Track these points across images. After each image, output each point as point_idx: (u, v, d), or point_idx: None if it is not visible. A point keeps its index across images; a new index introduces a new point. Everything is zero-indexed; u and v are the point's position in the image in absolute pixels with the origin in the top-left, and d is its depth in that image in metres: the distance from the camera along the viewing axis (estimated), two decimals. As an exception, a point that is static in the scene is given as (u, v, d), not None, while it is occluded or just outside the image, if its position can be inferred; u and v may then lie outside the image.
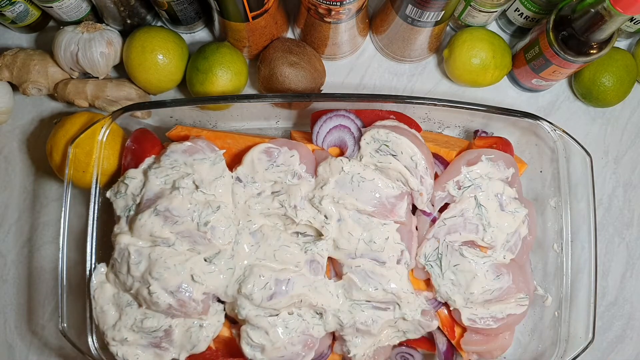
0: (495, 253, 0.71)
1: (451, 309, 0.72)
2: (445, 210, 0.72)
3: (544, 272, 0.78)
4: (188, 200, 0.68)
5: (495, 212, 0.71)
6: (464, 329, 0.73)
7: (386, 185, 0.70)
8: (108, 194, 0.72)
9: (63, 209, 0.71)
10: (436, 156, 0.75)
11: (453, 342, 0.74)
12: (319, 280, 0.70)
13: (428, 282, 0.73)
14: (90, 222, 0.72)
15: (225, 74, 0.77)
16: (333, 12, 0.71)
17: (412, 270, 0.73)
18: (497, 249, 0.71)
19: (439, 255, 0.71)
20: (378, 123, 0.73)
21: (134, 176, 0.71)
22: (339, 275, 0.72)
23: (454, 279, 0.70)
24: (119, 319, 0.69)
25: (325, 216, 0.69)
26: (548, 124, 0.73)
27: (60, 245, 0.70)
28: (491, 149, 0.74)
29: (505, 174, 0.72)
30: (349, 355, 0.72)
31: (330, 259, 0.72)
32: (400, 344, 0.76)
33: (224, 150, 0.72)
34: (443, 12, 0.71)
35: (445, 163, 0.75)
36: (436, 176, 0.73)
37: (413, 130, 0.73)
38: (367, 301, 0.70)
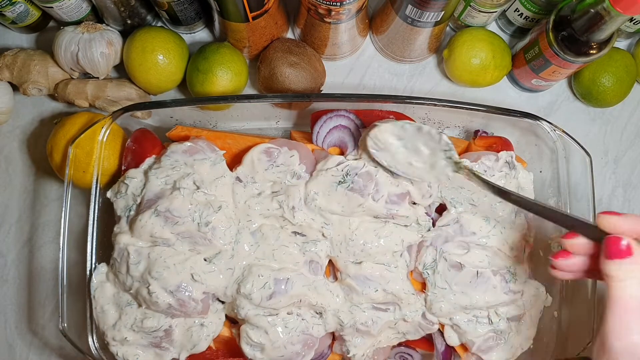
0: (490, 257, 0.70)
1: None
2: (440, 218, 0.72)
3: (544, 272, 0.78)
4: (189, 200, 0.68)
5: (487, 219, 0.71)
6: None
7: (388, 183, 0.69)
8: (108, 194, 0.72)
9: (63, 209, 0.71)
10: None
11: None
12: (318, 280, 0.70)
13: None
14: (90, 222, 0.72)
15: (226, 74, 0.78)
16: (333, 13, 0.71)
17: (411, 272, 0.73)
18: (493, 255, 0.70)
19: (435, 266, 0.71)
20: (377, 122, 0.72)
21: (134, 176, 0.71)
22: (338, 279, 0.71)
23: (447, 288, 0.70)
24: (119, 318, 0.69)
25: (323, 217, 0.69)
26: (548, 124, 0.73)
27: (61, 245, 0.70)
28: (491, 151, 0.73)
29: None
30: (348, 355, 0.72)
31: (330, 260, 0.72)
32: (400, 344, 0.76)
33: (225, 151, 0.72)
34: (443, 12, 0.71)
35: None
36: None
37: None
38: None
